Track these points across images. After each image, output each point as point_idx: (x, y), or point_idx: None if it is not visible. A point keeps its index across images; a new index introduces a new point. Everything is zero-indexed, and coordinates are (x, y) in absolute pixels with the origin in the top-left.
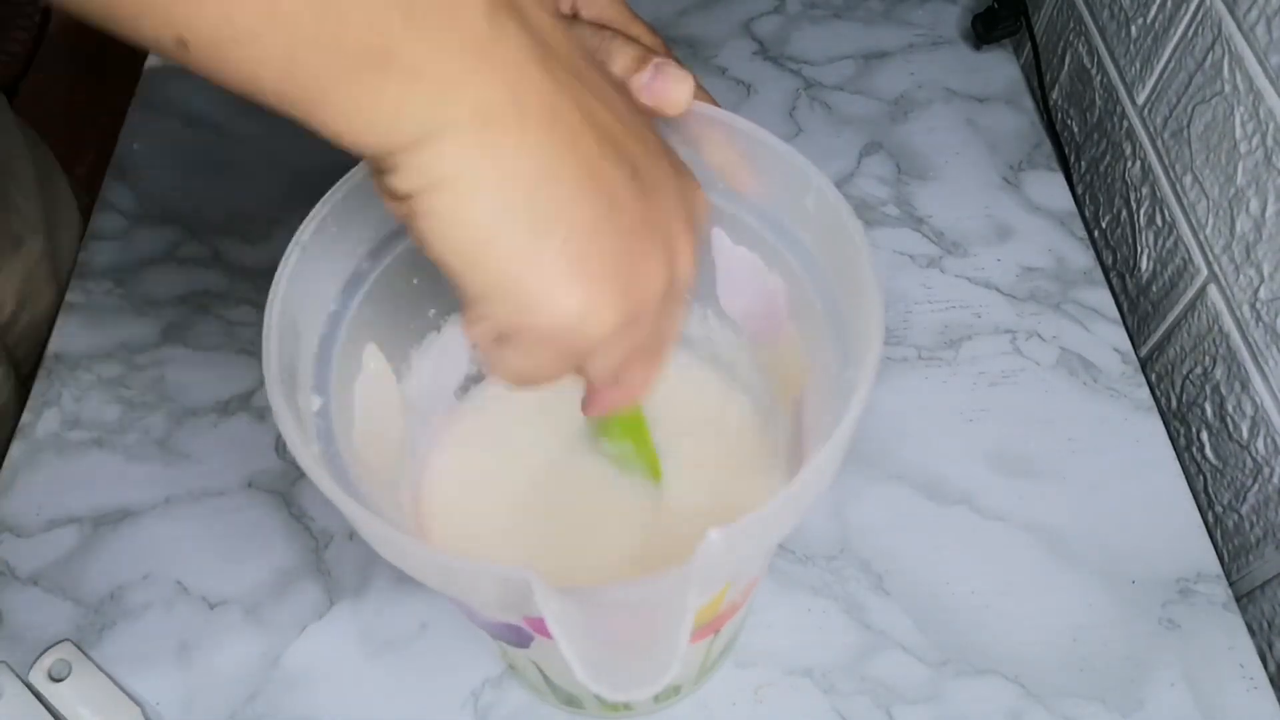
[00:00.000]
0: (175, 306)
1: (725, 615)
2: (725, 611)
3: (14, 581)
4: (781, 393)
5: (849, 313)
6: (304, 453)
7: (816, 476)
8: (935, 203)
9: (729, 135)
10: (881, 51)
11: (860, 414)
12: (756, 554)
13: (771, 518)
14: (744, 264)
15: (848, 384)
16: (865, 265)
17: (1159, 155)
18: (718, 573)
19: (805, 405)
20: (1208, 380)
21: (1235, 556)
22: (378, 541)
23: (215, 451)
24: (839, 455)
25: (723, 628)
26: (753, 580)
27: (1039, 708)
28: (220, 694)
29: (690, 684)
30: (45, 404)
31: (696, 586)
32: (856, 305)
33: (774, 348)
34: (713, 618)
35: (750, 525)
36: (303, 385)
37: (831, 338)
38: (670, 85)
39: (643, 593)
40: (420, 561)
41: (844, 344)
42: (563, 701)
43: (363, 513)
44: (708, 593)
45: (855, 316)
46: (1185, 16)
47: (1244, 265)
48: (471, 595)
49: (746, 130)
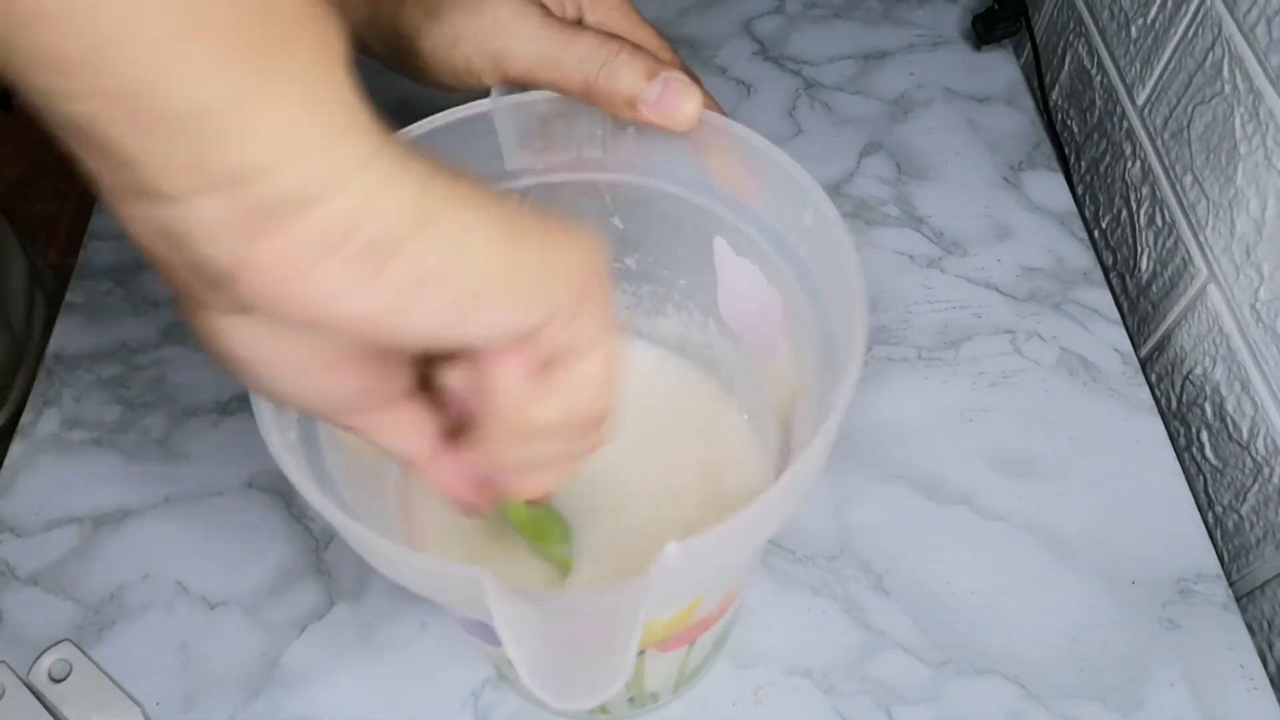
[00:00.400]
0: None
1: (698, 629)
2: (696, 625)
3: (14, 581)
4: (775, 407)
5: (838, 328)
6: (275, 439)
7: (783, 496)
8: (935, 203)
9: (732, 145)
10: (881, 51)
11: (833, 437)
12: (725, 570)
13: (732, 536)
14: (745, 275)
15: (828, 403)
16: (855, 282)
17: (1159, 155)
18: (677, 587)
19: (794, 421)
20: (1208, 380)
21: (1235, 557)
22: (341, 528)
23: (215, 451)
24: (808, 478)
25: (698, 639)
26: (731, 594)
27: (1039, 708)
28: (220, 694)
29: (670, 692)
30: (45, 404)
31: (654, 600)
32: (845, 321)
33: (770, 362)
34: (683, 630)
35: (708, 542)
36: None
37: (820, 352)
38: (678, 101)
39: (595, 602)
40: (377, 553)
41: (831, 360)
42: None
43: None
44: (671, 607)
45: (843, 332)
46: (1185, 17)
47: (1244, 266)
48: (431, 592)
49: (749, 141)
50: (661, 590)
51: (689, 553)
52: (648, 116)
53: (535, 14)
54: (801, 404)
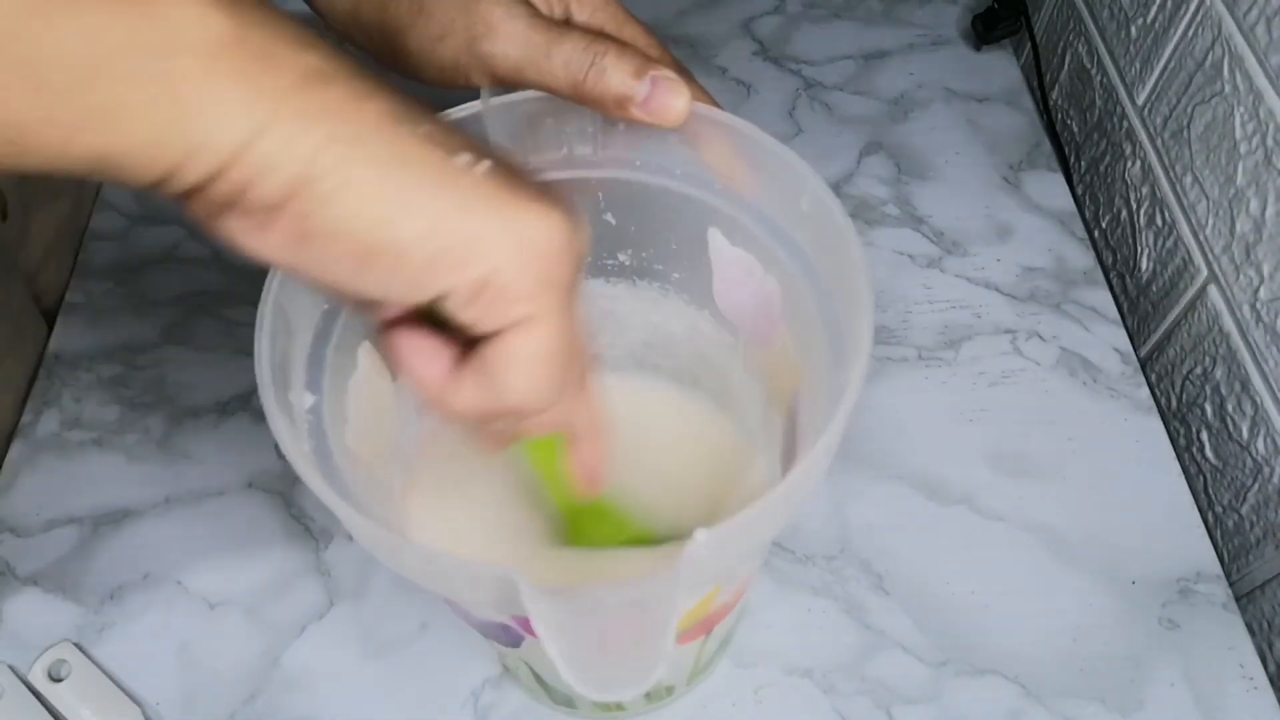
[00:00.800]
0: (175, 306)
1: (716, 617)
2: (715, 613)
3: (14, 581)
4: (777, 395)
5: (842, 314)
6: (294, 451)
7: (804, 478)
8: (935, 203)
9: (726, 135)
10: (881, 51)
11: (850, 415)
12: (745, 556)
13: (758, 518)
14: (740, 265)
15: (839, 386)
16: (858, 267)
17: (1159, 155)
18: (705, 574)
19: (799, 407)
20: (1208, 380)
21: (1235, 556)
22: (368, 540)
23: (215, 451)
24: (827, 458)
25: (714, 629)
26: (744, 582)
27: (1039, 708)
28: (220, 694)
29: (683, 684)
30: (45, 404)
31: (684, 588)
32: (849, 307)
33: (769, 349)
34: (703, 618)
35: (737, 526)
36: (295, 383)
37: (825, 339)
38: (667, 99)
39: (630, 594)
40: (410, 560)
41: (837, 346)
42: (558, 702)
43: (351, 512)
44: (696, 594)
45: (848, 318)
46: (1185, 16)
47: (1244, 265)
48: (460, 594)
49: (743, 131)
50: (690, 577)
51: (717, 539)
52: (637, 115)
53: (524, 14)
54: (806, 391)
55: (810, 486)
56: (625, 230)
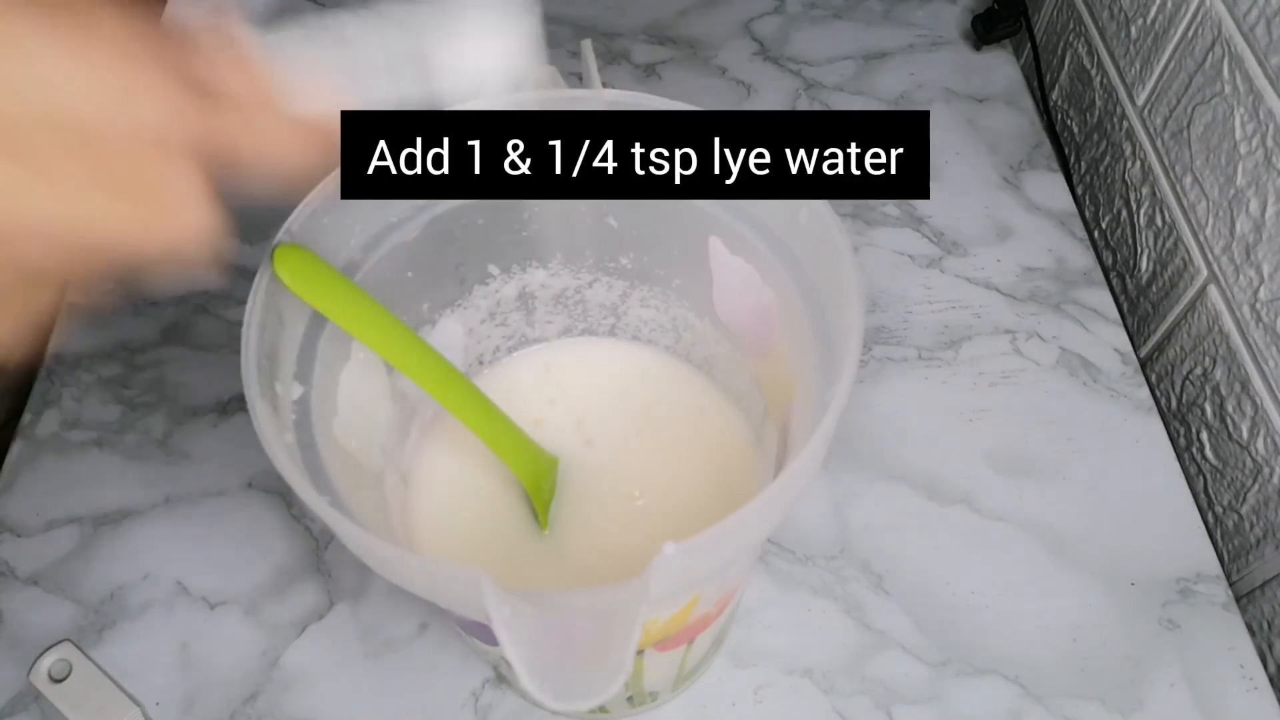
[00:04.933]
0: (175, 306)
1: (698, 626)
2: (697, 623)
3: (14, 581)
4: (773, 405)
5: (834, 330)
6: (274, 440)
7: (778, 496)
8: (935, 203)
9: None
10: (881, 52)
11: (829, 439)
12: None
13: (730, 533)
14: (740, 274)
15: (824, 404)
16: (852, 285)
17: (1159, 156)
18: (674, 586)
19: (791, 420)
20: (1208, 380)
21: (1235, 557)
22: (338, 529)
23: (215, 451)
24: (804, 477)
25: (696, 639)
26: (729, 592)
27: (1039, 708)
28: (220, 694)
29: (668, 691)
30: (45, 404)
31: (652, 599)
32: (840, 323)
33: (767, 361)
34: (683, 628)
35: (708, 539)
36: (284, 374)
37: (817, 354)
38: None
39: (594, 601)
40: (375, 554)
41: (827, 363)
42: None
43: (322, 503)
44: (669, 606)
45: (838, 335)
46: (1185, 17)
47: (1244, 266)
48: (430, 593)
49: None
50: (659, 589)
51: (686, 552)
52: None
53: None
54: (798, 403)
55: (787, 503)
56: (627, 234)
